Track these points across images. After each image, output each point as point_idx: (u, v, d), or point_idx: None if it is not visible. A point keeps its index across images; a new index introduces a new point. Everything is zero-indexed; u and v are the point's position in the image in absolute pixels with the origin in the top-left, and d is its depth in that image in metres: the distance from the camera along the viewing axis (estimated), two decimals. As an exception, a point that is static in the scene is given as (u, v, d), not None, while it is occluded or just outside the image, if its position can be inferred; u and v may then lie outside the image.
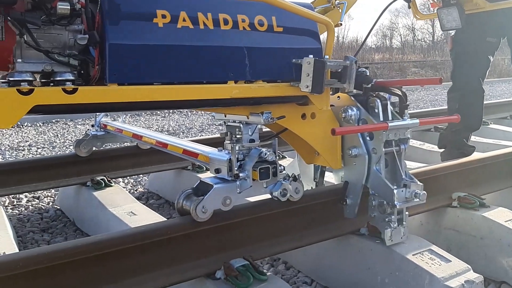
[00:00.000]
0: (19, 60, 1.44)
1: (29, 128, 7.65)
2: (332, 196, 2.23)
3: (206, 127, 7.57)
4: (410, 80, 2.27)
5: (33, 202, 3.76)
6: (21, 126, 7.75)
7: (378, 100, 2.11)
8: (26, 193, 3.76)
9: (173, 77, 1.66)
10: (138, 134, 3.06)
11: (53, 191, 3.91)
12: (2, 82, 1.43)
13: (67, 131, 7.32)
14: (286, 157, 3.80)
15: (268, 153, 1.90)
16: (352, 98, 2.18)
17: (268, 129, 2.45)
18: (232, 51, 1.77)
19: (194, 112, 9.27)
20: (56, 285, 1.63)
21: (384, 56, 24.59)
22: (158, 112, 9.17)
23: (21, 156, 5.60)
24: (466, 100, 3.54)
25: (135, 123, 8.12)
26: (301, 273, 2.45)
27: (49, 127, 7.71)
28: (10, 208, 3.61)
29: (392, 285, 2.05)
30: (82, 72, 1.57)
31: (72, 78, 1.49)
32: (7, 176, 3.15)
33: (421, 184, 2.05)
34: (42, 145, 6.21)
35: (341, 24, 2.47)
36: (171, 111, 9.34)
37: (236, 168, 1.91)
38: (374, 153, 2.10)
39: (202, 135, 6.69)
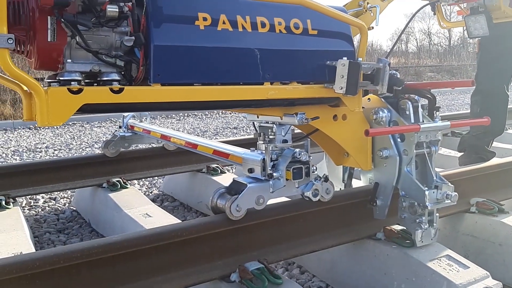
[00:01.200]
0: (69, 60, 1.49)
1: (46, 130, 7.76)
2: (361, 197, 2.25)
3: (221, 130, 7.62)
4: (440, 83, 2.29)
5: (50, 203, 3.82)
6: (39, 128, 7.87)
7: (409, 102, 2.14)
8: (43, 194, 3.80)
9: (212, 78, 1.71)
10: (167, 135, 3.12)
11: (69, 192, 3.97)
12: (53, 81, 1.49)
13: (83, 134, 7.42)
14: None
15: (302, 153, 1.93)
16: (383, 100, 2.21)
17: (298, 130, 2.48)
18: (269, 53, 1.81)
19: (208, 115, 9.34)
20: (72, 285, 1.65)
21: (400, 61, 24.51)
22: (173, 115, 9.24)
23: (38, 157, 5.69)
24: (489, 105, 3.53)
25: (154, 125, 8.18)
26: (316, 277, 2.45)
27: (65, 130, 7.83)
28: (27, 209, 3.67)
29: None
30: (125, 72, 1.62)
31: (118, 78, 1.54)
32: (24, 177, 3.19)
33: (452, 185, 2.07)
34: (59, 147, 6.31)
35: (373, 28, 2.50)
36: (185, 114, 9.42)
37: (269, 168, 1.95)
38: (405, 154, 2.12)
39: (217, 138, 6.73)
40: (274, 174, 1.94)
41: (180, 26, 1.62)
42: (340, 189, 2.55)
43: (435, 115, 2.14)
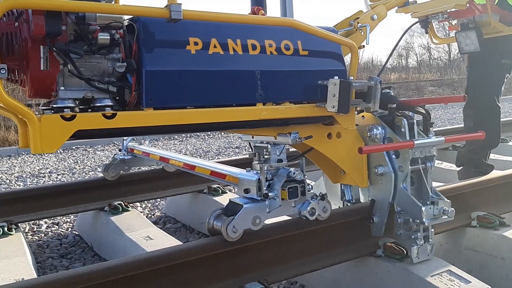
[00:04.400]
0: (62, 87, 1.53)
1: (49, 155, 7.79)
2: (358, 214, 2.25)
3: (223, 150, 7.64)
4: (433, 99, 2.31)
5: (53, 228, 3.82)
6: (42, 154, 7.91)
7: (405, 120, 2.15)
8: (46, 219, 3.81)
9: (205, 100, 1.73)
10: (165, 157, 3.14)
11: (72, 216, 3.97)
12: (46, 109, 1.51)
13: (86, 157, 7.46)
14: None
15: (297, 172, 1.94)
16: (377, 117, 2.23)
17: (293, 149, 2.50)
18: (260, 75, 1.84)
19: (211, 136, 9.36)
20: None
21: (401, 76, 24.57)
22: (176, 136, 9.27)
23: (41, 182, 5.71)
24: (481, 118, 3.54)
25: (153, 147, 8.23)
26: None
27: (69, 154, 7.87)
28: (30, 235, 3.67)
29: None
30: (118, 98, 1.64)
31: (111, 104, 1.57)
32: (27, 202, 3.20)
33: (448, 201, 2.07)
34: (62, 172, 6.34)
35: (363, 47, 2.53)
36: (188, 135, 9.45)
37: (265, 188, 1.96)
38: (400, 171, 2.13)
39: (219, 158, 6.75)
40: (270, 194, 1.95)
41: (171, 51, 1.66)
42: (339, 207, 2.55)
43: (429, 130, 2.15)
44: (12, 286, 1.73)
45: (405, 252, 2.12)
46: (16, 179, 5.98)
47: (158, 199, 4.25)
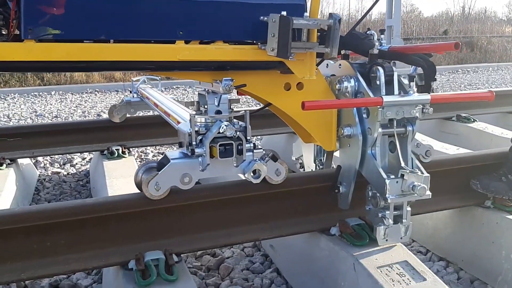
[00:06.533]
0: None
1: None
2: (320, 182, 1.90)
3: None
4: (431, 46, 1.83)
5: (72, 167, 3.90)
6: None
7: (381, 70, 1.72)
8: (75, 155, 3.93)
9: (105, 33, 1.46)
10: (156, 103, 2.93)
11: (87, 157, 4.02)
12: None
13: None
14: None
15: (227, 127, 1.63)
16: (354, 67, 1.82)
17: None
18: (180, 4, 1.52)
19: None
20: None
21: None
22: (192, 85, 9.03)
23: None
24: None
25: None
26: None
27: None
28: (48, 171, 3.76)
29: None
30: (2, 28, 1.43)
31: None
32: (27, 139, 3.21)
33: (423, 175, 1.65)
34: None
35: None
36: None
37: (195, 143, 1.68)
38: (369, 134, 1.74)
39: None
40: (197, 150, 1.67)
41: (58, -29, 1.38)
42: (312, 170, 2.21)
43: (410, 85, 1.71)
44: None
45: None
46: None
47: (163, 146, 4.14)
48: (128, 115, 3.49)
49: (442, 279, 1.61)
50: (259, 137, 4.27)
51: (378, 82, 1.72)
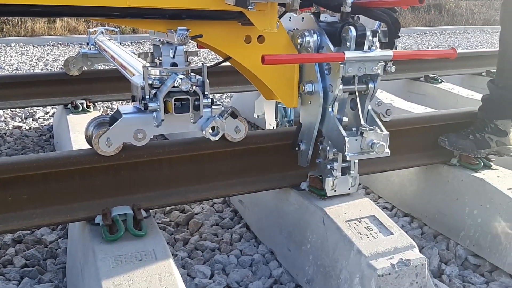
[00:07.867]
0: None
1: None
2: (279, 140, 1.86)
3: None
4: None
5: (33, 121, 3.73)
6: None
7: (352, 29, 1.64)
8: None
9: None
10: (114, 56, 2.79)
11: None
12: None
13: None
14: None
15: (182, 80, 1.55)
16: (315, 20, 1.75)
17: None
18: None
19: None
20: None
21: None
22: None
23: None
24: None
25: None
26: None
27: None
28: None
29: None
30: None
31: None
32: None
33: (382, 133, 1.62)
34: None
35: None
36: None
37: (148, 97, 1.60)
38: (330, 91, 1.69)
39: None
40: (150, 104, 1.58)
41: None
42: (273, 128, 2.16)
43: (373, 41, 1.65)
44: None
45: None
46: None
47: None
48: (85, 69, 3.33)
49: (407, 234, 1.62)
50: (229, 94, 4.20)
51: (348, 44, 1.64)
